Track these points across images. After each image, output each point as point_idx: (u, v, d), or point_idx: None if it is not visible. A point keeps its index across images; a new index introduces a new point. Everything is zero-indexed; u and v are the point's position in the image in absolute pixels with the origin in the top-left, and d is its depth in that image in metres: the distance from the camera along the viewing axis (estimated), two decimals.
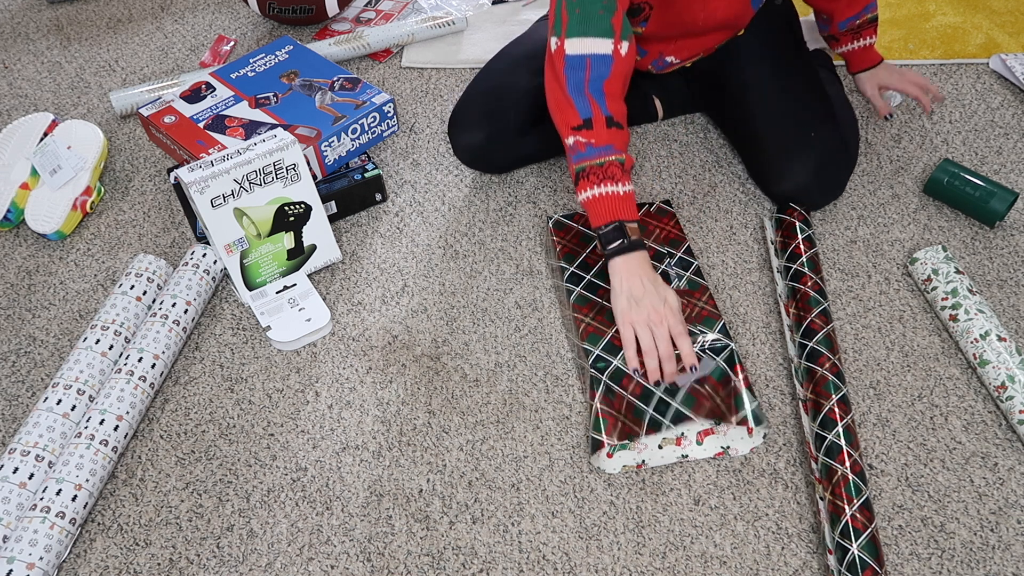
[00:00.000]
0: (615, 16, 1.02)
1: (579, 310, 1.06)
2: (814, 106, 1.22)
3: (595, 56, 1.02)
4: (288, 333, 1.13)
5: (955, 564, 0.91)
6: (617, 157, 1.02)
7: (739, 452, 1.00)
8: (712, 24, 1.18)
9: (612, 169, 1.02)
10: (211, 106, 1.35)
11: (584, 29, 1.02)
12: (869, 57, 1.36)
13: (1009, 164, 1.34)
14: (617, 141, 1.03)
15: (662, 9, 1.15)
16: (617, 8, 1.02)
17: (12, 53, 1.72)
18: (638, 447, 0.99)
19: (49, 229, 1.27)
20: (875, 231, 1.25)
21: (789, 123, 1.22)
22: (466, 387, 1.09)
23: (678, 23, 1.18)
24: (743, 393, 1.00)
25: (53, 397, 1.02)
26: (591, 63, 1.02)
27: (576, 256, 1.13)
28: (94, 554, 0.95)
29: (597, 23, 1.01)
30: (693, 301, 1.06)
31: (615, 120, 1.03)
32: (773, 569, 0.91)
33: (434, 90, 1.55)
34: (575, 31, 1.02)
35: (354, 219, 1.32)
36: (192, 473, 1.02)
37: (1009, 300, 1.15)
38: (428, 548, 0.94)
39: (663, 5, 1.15)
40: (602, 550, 0.93)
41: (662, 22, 1.18)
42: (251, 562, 0.94)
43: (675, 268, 1.10)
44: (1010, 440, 1.01)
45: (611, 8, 1.02)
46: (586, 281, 1.09)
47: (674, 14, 1.16)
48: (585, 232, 1.17)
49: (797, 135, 1.19)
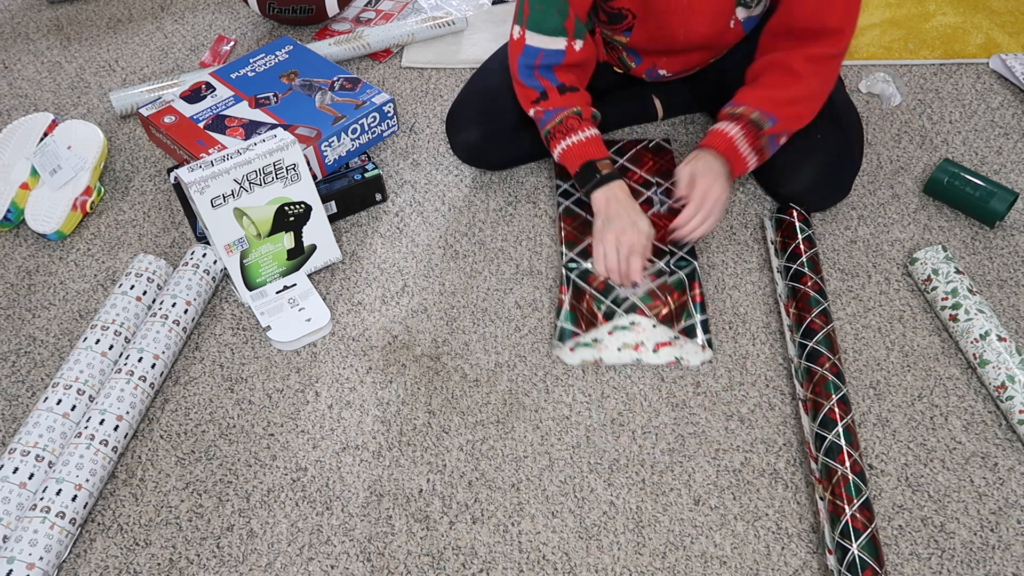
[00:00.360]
0: (567, 20, 1.11)
1: (564, 220, 1.22)
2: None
3: (548, 51, 1.13)
4: (288, 333, 1.13)
5: (955, 564, 0.91)
6: (571, 110, 1.14)
7: (691, 364, 1.09)
8: (694, 42, 1.18)
9: (570, 122, 1.14)
10: (211, 106, 1.35)
11: (541, 26, 1.12)
12: (719, 141, 1.13)
13: (1009, 164, 1.34)
14: (572, 102, 1.14)
15: (644, 19, 1.16)
16: (570, 14, 1.11)
17: (12, 53, 1.72)
18: (600, 347, 1.09)
19: (49, 229, 1.27)
20: (875, 231, 1.25)
21: None
22: (466, 387, 1.09)
23: (660, 37, 1.18)
24: (692, 306, 1.11)
25: (53, 397, 1.02)
26: (544, 55, 1.13)
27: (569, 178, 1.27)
28: (94, 554, 0.95)
29: (552, 22, 1.11)
30: (670, 225, 1.15)
31: (567, 87, 1.15)
32: (773, 569, 0.91)
33: (434, 90, 1.55)
34: (533, 25, 1.12)
35: (354, 219, 1.32)
36: (192, 473, 1.02)
37: (1009, 300, 1.15)
38: (428, 548, 0.94)
39: (644, 15, 1.16)
40: (602, 550, 0.93)
41: (644, 34, 1.19)
42: (251, 562, 0.94)
43: (659, 195, 1.24)
44: (1010, 440, 1.01)
45: (564, 13, 1.11)
46: (575, 197, 1.24)
47: (655, 27, 1.17)
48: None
49: (803, 136, 1.19)
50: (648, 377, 1.08)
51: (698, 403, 1.06)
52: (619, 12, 1.16)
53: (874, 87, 1.49)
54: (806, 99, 1.12)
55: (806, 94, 1.12)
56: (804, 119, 1.14)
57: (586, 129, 1.14)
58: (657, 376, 1.08)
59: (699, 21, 1.14)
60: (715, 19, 1.15)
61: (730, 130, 1.11)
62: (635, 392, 1.07)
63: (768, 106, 1.11)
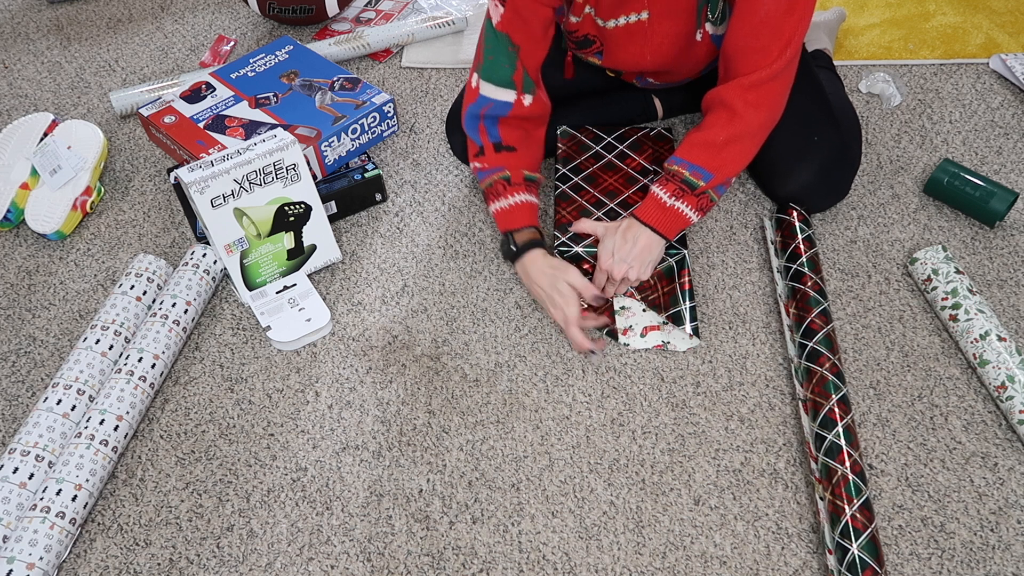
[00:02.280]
0: (516, 73, 1.11)
1: (559, 203, 1.23)
2: (816, 109, 1.22)
3: (497, 102, 1.12)
4: (288, 333, 1.13)
5: (955, 564, 0.91)
6: (500, 176, 1.13)
7: (678, 348, 1.11)
8: (663, 61, 1.17)
9: (497, 187, 1.14)
10: (211, 106, 1.35)
11: (491, 76, 1.12)
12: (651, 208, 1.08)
13: (1009, 164, 1.34)
14: (505, 162, 1.14)
15: (608, 44, 1.16)
16: (518, 67, 1.11)
17: (12, 53, 1.72)
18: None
19: (49, 229, 1.27)
20: (875, 231, 1.25)
21: (791, 126, 1.21)
22: (466, 387, 1.09)
23: (628, 59, 1.18)
24: (680, 293, 1.13)
25: (53, 397, 1.02)
26: (491, 105, 1.13)
27: (571, 160, 1.28)
28: (94, 554, 0.95)
29: (502, 73, 1.11)
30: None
31: (503, 145, 1.14)
32: (773, 569, 0.91)
33: (434, 90, 1.55)
34: (485, 75, 1.12)
35: (354, 219, 1.32)
36: (192, 473, 1.02)
37: (1009, 300, 1.15)
38: (428, 548, 0.94)
39: (608, 41, 1.16)
40: (602, 550, 0.93)
41: (613, 58, 1.19)
42: (251, 562, 0.94)
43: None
44: (1010, 440, 1.01)
45: (513, 66, 1.11)
46: (572, 182, 1.25)
47: (620, 50, 1.16)
48: (585, 142, 1.31)
49: (800, 138, 1.18)
50: (648, 377, 1.08)
51: (698, 403, 1.06)
52: (584, 38, 1.17)
53: (874, 87, 1.49)
54: (743, 137, 1.06)
55: (743, 131, 1.06)
56: (743, 160, 1.08)
57: (512, 196, 1.13)
58: (657, 376, 1.09)
59: (661, 41, 1.14)
60: (677, 39, 1.14)
61: (664, 198, 1.07)
62: (635, 392, 1.07)
63: (702, 159, 1.06)
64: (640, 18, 1.10)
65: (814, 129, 1.20)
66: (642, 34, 1.13)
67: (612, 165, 1.29)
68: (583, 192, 1.24)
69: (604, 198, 1.23)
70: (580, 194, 1.24)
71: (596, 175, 1.26)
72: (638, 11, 1.10)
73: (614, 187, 1.24)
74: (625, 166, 1.30)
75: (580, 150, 1.30)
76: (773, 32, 1.01)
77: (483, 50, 1.12)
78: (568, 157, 1.29)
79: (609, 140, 1.34)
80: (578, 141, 1.32)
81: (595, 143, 1.30)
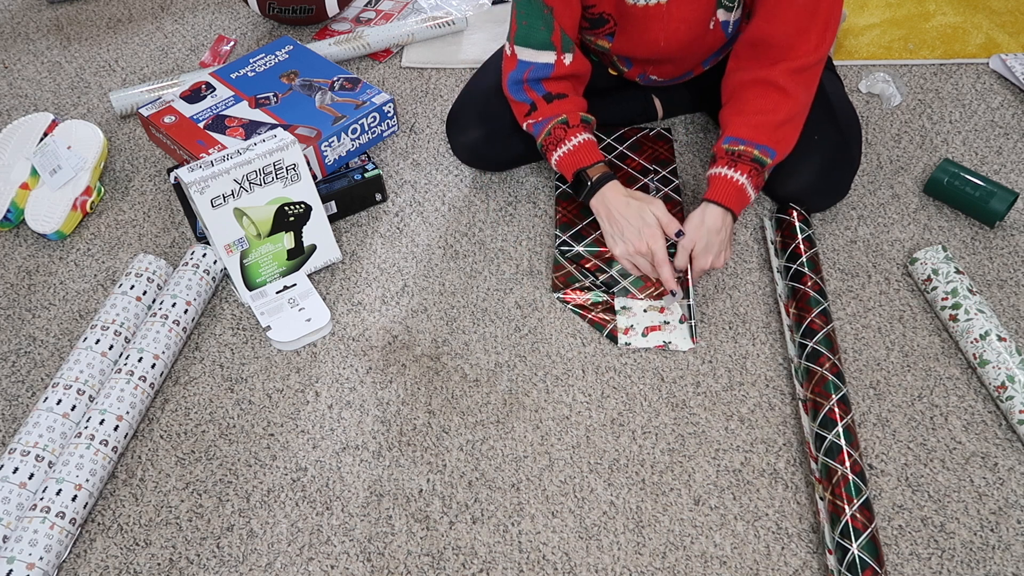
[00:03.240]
0: (554, 35, 1.12)
1: (559, 203, 1.24)
2: (816, 108, 1.22)
3: (537, 64, 1.14)
4: (288, 333, 1.13)
5: (955, 564, 0.91)
6: (557, 119, 1.15)
7: (679, 348, 1.11)
8: (675, 46, 1.18)
9: (557, 132, 1.15)
10: (211, 106, 1.35)
11: (529, 40, 1.14)
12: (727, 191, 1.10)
13: (1009, 164, 1.34)
14: (559, 110, 1.15)
15: (624, 25, 1.16)
16: (555, 28, 1.12)
17: (12, 53, 1.72)
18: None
19: (49, 229, 1.27)
20: (875, 231, 1.25)
21: None
22: (466, 387, 1.09)
23: (641, 43, 1.18)
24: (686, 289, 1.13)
25: (53, 397, 1.02)
26: (532, 68, 1.15)
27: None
28: (94, 554, 0.95)
29: (539, 36, 1.13)
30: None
31: (554, 95, 1.16)
32: (773, 569, 0.91)
33: (434, 90, 1.55)
34: (522, 40, 1.15)
35: (354, 219, 1.32)
36: (192, 473, 1.02)
37: (1009, 300, 1.15)
38: (428, 548, 0.94)
39: (624, 21, 1.16)
40: (602, 550, 0.93)
41: (625, 39, 1.19)
42: (251, 562, 0.94)
43: (655, 183, 1.27)
44: (1010, 440, 1.01)
45: (550, 27, 1.12)
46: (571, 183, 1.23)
47: (635, 32, 1.17)
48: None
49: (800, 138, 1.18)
50: (648, 377, 1.08)
51: (698, 403, 1.06)
52: (600, 17, 1.17)
53: (874, 87, 1.49)
54: (797, 116, 1.11)
55: (798, 111, 1.10)
56: (793, 141, 1.12)
57: (574, 137, 1.15)
58: (657, 376, 1.09)
59: (678, 27, 1.14)
60: (693, 25, 1.14)
61: (737, 178, 1.09)
62: (635, 392, 1.07)
63: (764, 137, 1.09)
64: (660, 1, 1.10)
65: (814, 129, 1.20)
66: (660, 18, 1.13)
67: (612, 165, 1.29)
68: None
69: None
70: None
71: None
72: None
73: None
74: (625, 166, 1.30)
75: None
76: (811, 17, 1.06)
77: (516, 17, 1.14)
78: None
79: (609, 141, 1.34)
80: None
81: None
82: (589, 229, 1.24)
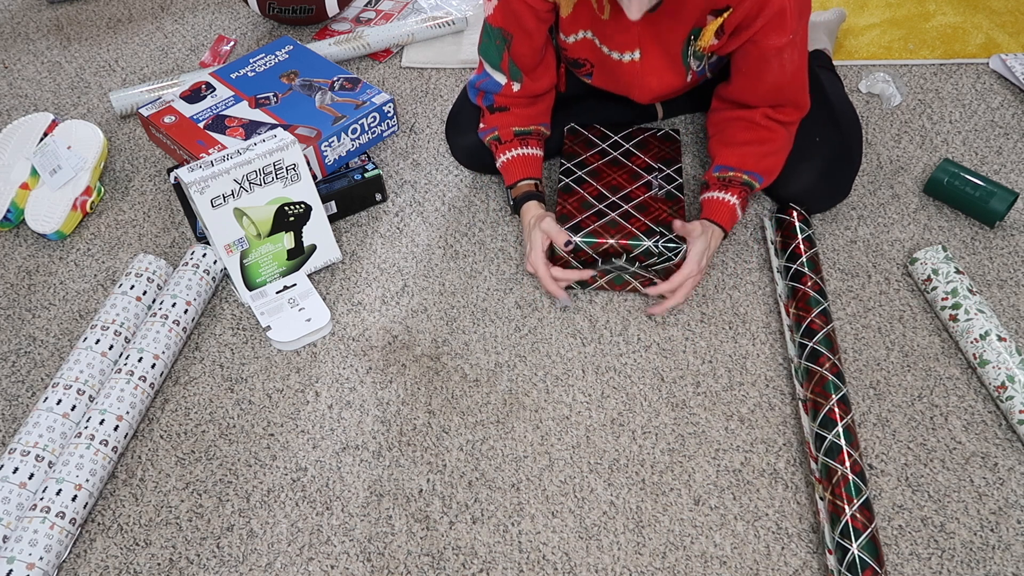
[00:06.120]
0: (503, 62, 1.17)
1: (561, 196, 1.24)
2: (816, 109, 1.22)
3: (491, 79, 1.20)
4: (288, 333, 1.13)
5: (955, 564, 0.91)
6: (491, 136, 1.23)
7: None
8: (654, 96, 1.22)
9: (492, 147, 1.24)
10: (211, 106, 1.35)
11: (486, 56, 1.19)
12: (721, 211, 1.15)
13: (1009, 164, 1.34)
14: (497, 123, 1.22)
15: (602, 69, 1.19)
16: (504, 58, 1.16)
17: (12, 53, 1.72)
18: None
19: (49, 229, 1.27)
20: (875, 231, 1.25)
21: None
22: (466, 387, 1.09)
23: (620, 87, 1.22)
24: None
25: (53, 397, 1.02)
26: (487, 80, 1.20)
27: (576, 156, 1.29)
28: (94, 554, 0.95)
29: (493, 58, 1.18)
30: (665, 208, 1.18)
31: (496, 107, 1.22)
32: (773, 569, 0.91)
33: (434, 90, 1.55)
34: (482, 53, 1.19)
35: (354, 219, 1.32)
36: (192, 473, 1.02)
37: (1009, 300, 1.15)
38: (428, 548, 0.94)
39: (602, 67, 1.19)
40: (602, 550, 0.93)
41: (605, 81, 1.23)
42: (251, 562, 0.94)
43: (659, 180, 1.26)
44: (1010, 440, 1.01)
45: (500, 55, 1.17)
46: (576, 176, 1.26)
47: (613, 79, 1.20)
48: (591, 139, 1.32)
49: (801, 139, 1.19)
50: (648, 377, 1.09)
51: (698, 403, 1.06)
52: (576, 60, 1.20)
53: (874, 87, 1.49)
54: (780, 151, 1.16)
55: (780, 146, 1.15)
56: (777, 171, 1.17)
57: (503, 154, 1.22)
58: (657, 376, 1.09)
59: (651, 81, 1.18)
60: (670, 80, 1.18)
61: (730, 199, 1.14)
62: (635, 392, 1.07)
63: (751, 164, 1.14)
64: (633, 58, 1.14)
65: (815, 130, 1.20)
66: (635, 73, 1.17)
67: (617, 162, 1.29)
68: (586, 185, 1.24)
69: (607, 191, 1.23)
70: (583, 187, 1.25)
71: (600, 170, 1.27)
72: (631, 50, 1.13)
73: (617, 182, 1.25)
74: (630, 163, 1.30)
75: (586, 146, 1.31)
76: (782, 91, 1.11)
77: (483, 30, 1.18)
78: (573, 153, 1.30)
79: (616, 139, 1.34)
80: (584, 138, 1.33)
81: (601, 140, 1.31)
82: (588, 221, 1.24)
